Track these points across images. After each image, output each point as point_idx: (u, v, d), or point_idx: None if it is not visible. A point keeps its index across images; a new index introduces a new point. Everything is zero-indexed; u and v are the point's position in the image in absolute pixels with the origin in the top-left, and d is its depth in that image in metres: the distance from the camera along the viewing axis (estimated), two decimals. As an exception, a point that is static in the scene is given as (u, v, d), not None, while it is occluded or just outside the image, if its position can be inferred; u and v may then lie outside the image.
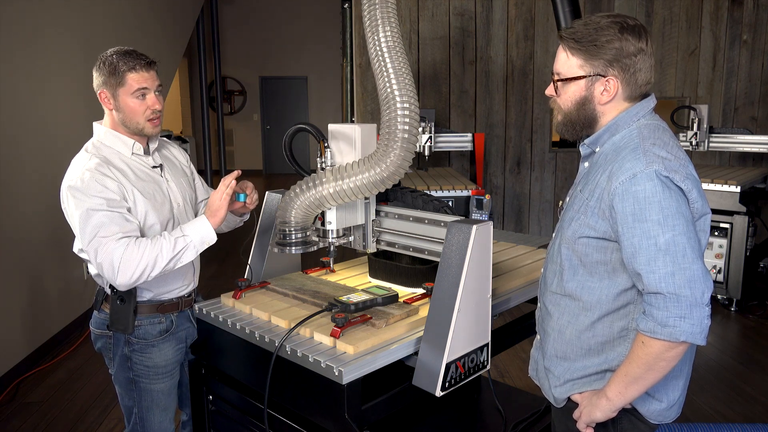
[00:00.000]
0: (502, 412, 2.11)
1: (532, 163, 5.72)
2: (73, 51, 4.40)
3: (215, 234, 1.84)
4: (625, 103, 1.44)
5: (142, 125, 1.88)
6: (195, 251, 1.81)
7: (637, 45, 1.38)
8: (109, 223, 1.74)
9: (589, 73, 1.41)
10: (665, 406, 1.46)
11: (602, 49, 1.38)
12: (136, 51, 1.87)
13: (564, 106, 1.47)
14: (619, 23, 1.38)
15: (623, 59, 1.38)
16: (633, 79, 1.40)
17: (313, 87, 12.68)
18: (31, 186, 3.81)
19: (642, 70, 1.40)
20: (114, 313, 1.89)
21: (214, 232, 1.83)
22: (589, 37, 1.39)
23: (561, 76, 1.45)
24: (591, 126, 1.47)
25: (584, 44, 1.39)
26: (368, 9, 1.62)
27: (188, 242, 1.79)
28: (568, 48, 1.43)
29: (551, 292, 1.53)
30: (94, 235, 1.72)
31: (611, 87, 1.40)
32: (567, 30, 1.43)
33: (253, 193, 2.01)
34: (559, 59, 1.46)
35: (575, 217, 1.44)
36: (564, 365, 1.52)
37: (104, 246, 1.71)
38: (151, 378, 1.96)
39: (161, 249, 1.74)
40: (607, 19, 1.39)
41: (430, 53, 5.43)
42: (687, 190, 1.32)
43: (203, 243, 1.82)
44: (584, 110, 1.45)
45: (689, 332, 1.26)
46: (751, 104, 5.79)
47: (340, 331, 1.56)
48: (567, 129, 1.49)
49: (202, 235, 1.81)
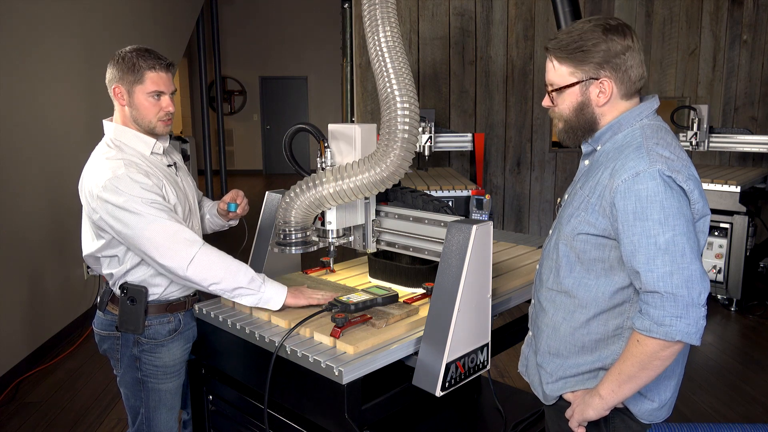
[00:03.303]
0: (502, 412, 2.11)
1: (532, 163, 5.72)
2: (73, 50, 4.40)
3: (280, 306, 1.77)
4: (622, 101, 1.44)
5: (154, 124, 1.88)
6: (254, 301, 1.76)
7: (624, 43, 1.39)
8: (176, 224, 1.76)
9: (581, 78, 1.42)
10: (657, 406, 1.47)
11: (589, 54, 1.39)
12: (156, 51, 1.88)
13: (564, 114, 1.48)
14: (602, 25, 1.40)
15: (613, 59, 1.39)
16: (626, 77, 1.41)
17: (313, 87, 12.68)
18: (32, 186, 3.80)
19: (633, 66, 1.40)
20: (124, 313, 1.88)
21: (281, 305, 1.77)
22: (575, 43, 1.40)
23: (555, 85, 1.47)
24: (592, 129, 1.47)
25: (571, 51, 1.41)
26: (368, 9, 1.62)
27: (260, 289, 1.75)
28: (555, 58, 1.45)
29: (547, 289, 1.53)
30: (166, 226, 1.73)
31: (606, 88, 1.41)
32: (551, 41, 1.46)
33: (244, 203, 2.09)
34: (549, 70, 1.48)
35: (575, 214, 1.44)
36: (557, 362, 1.52)
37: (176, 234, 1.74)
38: (160, 378, 1.96)
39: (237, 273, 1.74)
40: (589, 23, 1.41)
41: (430, 53, 5.43)
42: (689, 190, 1.33)
43: (265, 302, 1.76)
44: (584, 115, 1.46)
45: (685, 332, 1.26)
46: (751, 104, 5.79)
47: (340, 331, 1.56)
48: (569, 136, 1.50)
49: (272, 297, 1.76)
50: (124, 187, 1.75)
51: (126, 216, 1.74)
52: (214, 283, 1.74)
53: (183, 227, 1.77)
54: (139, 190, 1.76)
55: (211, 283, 1.74)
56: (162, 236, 1.73)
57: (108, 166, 1.79)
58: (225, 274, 1.74)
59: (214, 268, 1.74)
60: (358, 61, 5.36)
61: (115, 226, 1.77)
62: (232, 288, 1.74)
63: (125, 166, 1.78)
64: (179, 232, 1.75)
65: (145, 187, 1.77)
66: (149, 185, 1.78)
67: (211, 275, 1.73)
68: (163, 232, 1.73)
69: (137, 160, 1.85)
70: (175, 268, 1.73)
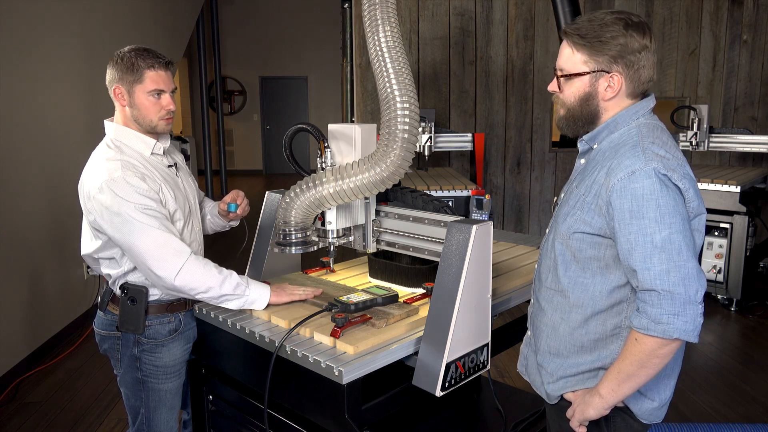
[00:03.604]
0: (502, 412, 2.11)
1: (532, 163, 5.72)
2: (73, 50, 4.40)
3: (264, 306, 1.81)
4: (627, 99, 1.44)
5: (156, 123, 1.88)
6: (239, 304, 1.80)
7: (642, 42, 1.38)
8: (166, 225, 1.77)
9: (593, 69, 1.41)
10: (657, 405, 1.47)
11: (607, 45, 1.38)
12: (154, 50, 1.88)
13: (568, 102, 1.47)
14: (624, 19, 1.39)
15: (628, 56, 1.38)
16: (636, 76, 1.40)
17: (313, 87, 12.68)
18: (32, 186, 3.80)
19: (645, 67, 1.40)
20: (124, 313, 1.88)
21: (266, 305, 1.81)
22: (594, 32, 1.39)
23: (565, 71, 1.45)
24: (593, 122, 1.47)
25: (589, 40, 1.39)
26: (368, 9, 1.62)
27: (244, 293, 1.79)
28: (572, 44, 1.42)
29: (546, 288, 1.53)
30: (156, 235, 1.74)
31: (615, 83, 1.41)
32: (571, 26, 1.43)
33: (245, 203, 2.10)
34: (562, 55, 1.46)
35: (570, 213, 1.44)
36: (557, 362, 1.52)
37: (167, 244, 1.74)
38: (160, 378, 1.96)
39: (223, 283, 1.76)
40: (612, 15, 1.40)
41: (430, 53, 5.43)
42: (684, 189, 1.33)
43: (250, 304, 1.80)
44: (588, 106, 1.45)
45: (682, 329, 1.26)
46: (751, 104, 5.79)
47: (340, 331, 1.56)
48: (569, 124, 1.49)
49: (256, 299, 1.80)
50: (118, 190, 1.75)
51: (118, 221, 1.75)
52: (201, 293, 1.77)
53: (172, 237, 1.77)
54: (134, 195, 1.75)
55: (199, 293, 1.77)
56: (151, 246, 1.74)
57: (105, 167, 1.79)
58: (212, 283, 1.76)
59: (202, 278, 1.75)
60: (358, 61, 5.36)
61: (108, 229, 1.78)
62: (218, 296, 1.77)
63: (122, 168, 1.78)
64: (169, 242, 1.75)
65: (140, 192, 1.77)
66: (145, 189, 1.78)
67: (199, 285, 1.75)
68: (152, 242, 1.74)
69: (136, 161, 1.85)
70: (164, 278, 1.75)
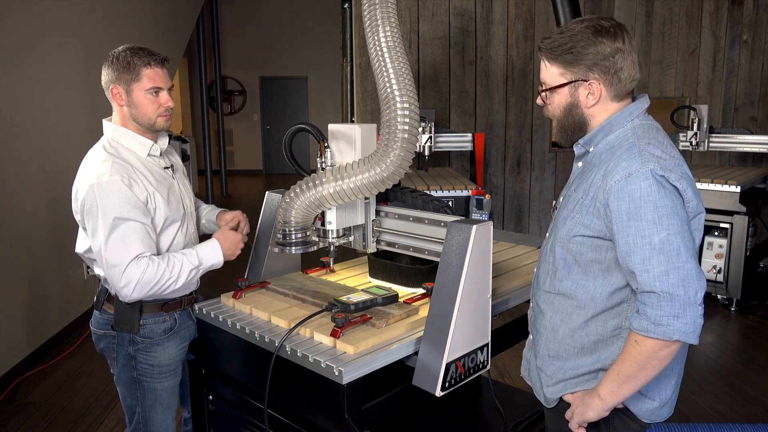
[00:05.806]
0: (502, 412, 2.11)
1: (532, 163, 5.72)
2: (73, 50, 4.40)
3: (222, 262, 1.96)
4: (613, 103, 1.45)
5: (154, 120, 1.89)
6: (201, 272, 1.93)
7: (613, 46, 1.39)
8: (133, 237, 1.78)
9: (570, 80, 1.43)
10: (657, 404, 1.47)
11: (579, 56, 1.40)
12: (149, 48, 1.89)
13: (555, 114, 1.51)
14: (593, 27, 1.40)
15: (602, 62, 1.39)
16: (616, 79, 1.41)
17: (313, 87, 12.68)
18: (32, 186, 3.80)
19: (623, 68, 1.41)
20: (119, 313, 1.89)
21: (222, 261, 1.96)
22: (565, 45, 1.41)
23: (546, 85, 1.49)
24: (582, 130, 1.49)
25: (561, 53, 1.42)
26: (368, 9, 1.62)
27: (201, 262, 1.90)
28: (546, 58, 1.46)
29: (544, 291, 1.54)
30: (116, 247, 1.76)
31: (595, 90, 1.42)
32: (544, 41, 1.47)
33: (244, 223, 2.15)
34: (542, 69, 1.50)
35: (570, 216, 1.44)
36: (556, 364, 1.52)
37: (123, 260, 1.76)
38: (155, 377, 1.96)
39: (177, 277, 1.84)
40: (581, 24, 1.42)
41: (430, 53, 5.43)
42: (682, 189, 1.33)
43: (210, 267, 1.94)
44: (573, 116, 1.47)
45: (682, 331, 1.26)
46: (751, 104, 5.79)
47: (340, 331, 1.56)
48: (562, 135, 1.53)
49: (212, 262, 1.93)
50: (100, 195, 1.76)
51: (93, 225, 1.78)
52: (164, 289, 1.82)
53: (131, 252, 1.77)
54: (117, 202, 1.76)
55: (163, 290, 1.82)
56: (113, 259, 1.76)
57: (95, 170, 1.80)
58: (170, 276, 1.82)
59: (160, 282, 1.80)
60: (358, 61, 5.36)
61: (87, 230, 1.81)
62: (183, 282, 1.85)
63: (111, 173, 1.78)
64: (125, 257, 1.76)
65: (124, 199, 1.77)
66: (128, 196, 1.78)
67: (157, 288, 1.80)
68: (115, 255, 1.76)
69: (129, 165, 1.85)
70: (120, 293, 1.80)
